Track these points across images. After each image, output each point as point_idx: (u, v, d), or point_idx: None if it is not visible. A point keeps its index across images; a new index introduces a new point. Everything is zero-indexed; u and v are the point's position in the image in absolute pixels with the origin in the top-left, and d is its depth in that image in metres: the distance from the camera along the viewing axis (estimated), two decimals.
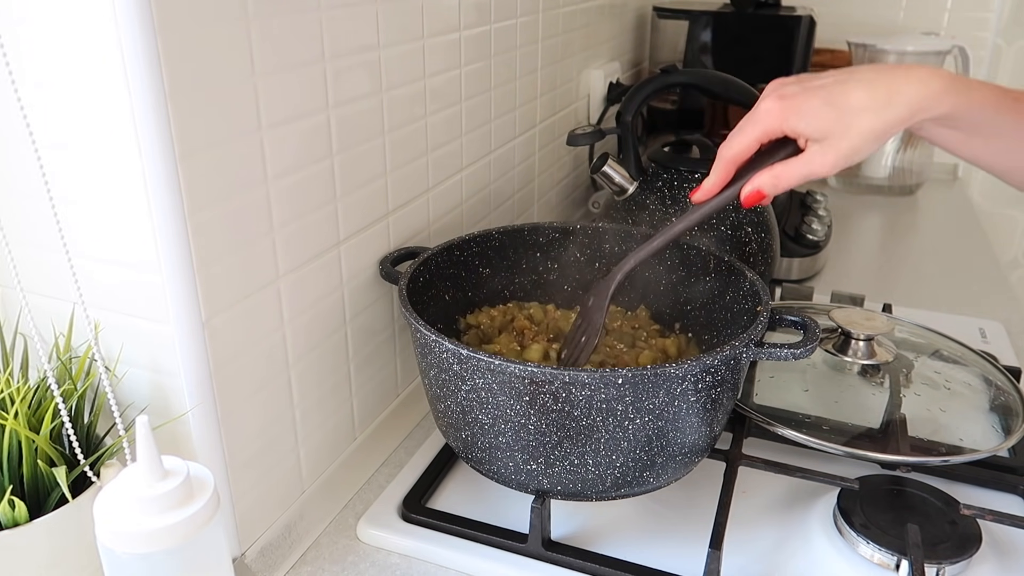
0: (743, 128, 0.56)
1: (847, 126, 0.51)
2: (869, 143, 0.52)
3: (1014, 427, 0.64)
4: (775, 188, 0.55)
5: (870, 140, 0.52)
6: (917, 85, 0.51)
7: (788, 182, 0.55)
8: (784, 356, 0.54)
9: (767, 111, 0.54)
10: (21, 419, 0.45)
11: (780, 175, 0.55)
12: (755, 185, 0.56)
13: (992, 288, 1.08)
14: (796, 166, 0.54)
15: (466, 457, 0.59)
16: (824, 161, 0.53)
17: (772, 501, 0.64)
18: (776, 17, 1.33)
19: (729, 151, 0.56)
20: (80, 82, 0.42)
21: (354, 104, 0.59)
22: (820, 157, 0.53)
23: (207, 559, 0.43)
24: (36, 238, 0.48)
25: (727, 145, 0.57)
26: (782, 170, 0.55)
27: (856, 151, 0.52)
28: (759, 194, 0.56)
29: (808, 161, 0.54)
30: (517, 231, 0.73)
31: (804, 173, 0.54)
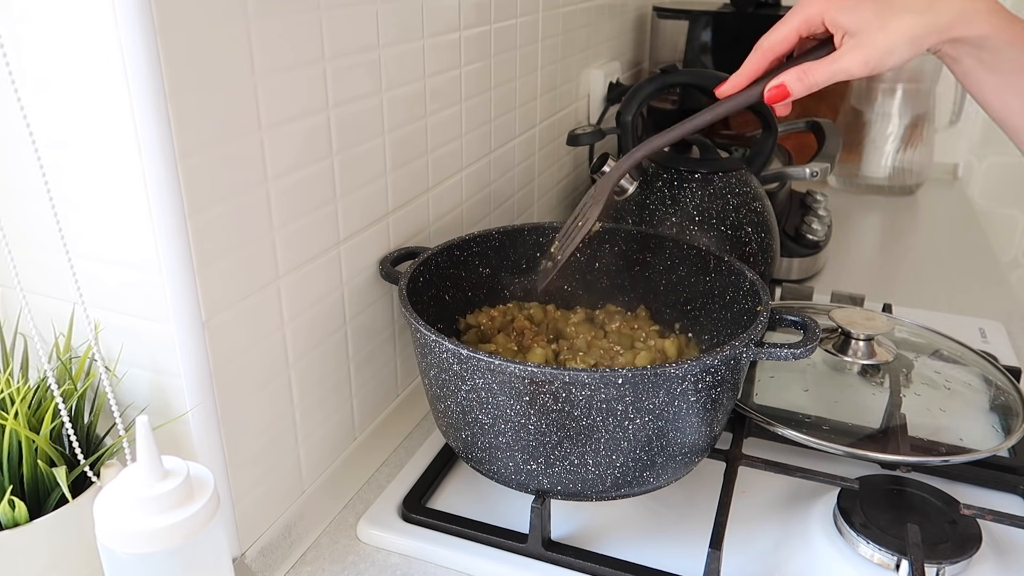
0: (784, 18, 0.54)
1: (885, 23, 0.50)
2: (903, 45, 0.51)
3: (1014, 427, 0.64)
4: (801, 84, 0.54)
5: (905, 42, 0.51)
6: (963, 2, 0.51)
7: (816, 78, 0.53)
8: (784, 356, 0.54)
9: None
10: (21, 419, 0.45)
11: (808, 70, 0.53)
12: (781, 80, 0.54)
13: (992, 288, 1.08)
14: (826, 62, 0.53)
15: (466, 457, 0.59)
16: (855, 57, 0.51)
17: (772, 501, 0.64)
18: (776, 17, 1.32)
19: (767, 40, 0.55)
20: (80, 82, 0.42)
21: (354, 104, 0.59)
22: (852, 52, 0.51)
23: (207, 559, 0.43)
24: (36, 238, 0.48)
25: (766, 36, 0.55)
26: (810, 66, 0.53)
27: (890, 51, 0.51)
28: (783, 89, 0.54)
29: (838, 57, 0.52)
30: (517, 231, 0.73)
31: (834, 70, 0.52)
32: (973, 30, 0.51)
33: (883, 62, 0.51)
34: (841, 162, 1.45)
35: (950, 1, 0.51)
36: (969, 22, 0.50)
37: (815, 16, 0.53)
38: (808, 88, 0.54)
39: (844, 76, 0.52)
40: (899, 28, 0.50)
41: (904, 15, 0.51)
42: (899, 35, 0.50)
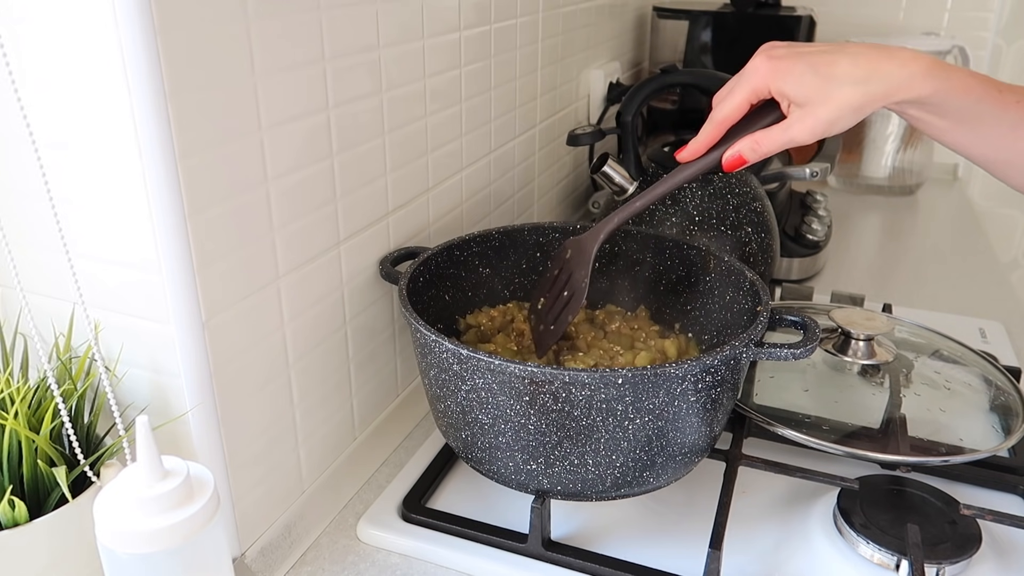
0: (732, 88, 0.57)
1: (828, 95, 0.53)
2: (847, 114, 0.53)
3: (1014, 427, 0.64)
4: (755, 153, 0.57)
5: (848, 112, 0.53)
6: (898, 65, 0.52)
7: (768, 147, 0.56)
8: (784, 356, 0.54)
9: (755, 69, 0.56)
10: (21, 419, 0.45)
11: (760, 140, 0.56)
12: (736, 150, 0.57)
13: (992, 288, 1.08)
14: (776, 133, 0.56)
15: (466, 457, 0.59)
16: (803, 127, 0.54)
17: (772, 501, 0.64)
18: (776, 17, 1.33)
19: (720, 112, 0.58)
20: (80, 82, 0.42)
21: (354, 104, 0.59)
22: (799, 123, 0.54)
23: (207, 559, 0.43)
24: (36, 238, 0.48)
25: (718, 107, 0.58)
26: (762, 136, 0.56)
27: (834, 121, 0.53)
28: (740, 159, 0.57)
29: (787, 127, 0.55)
30: (517, 231, 0.73)
31: (784, 139, 0.55)
32: (913, 93, 0.52)
33: (829, 130, 0.54)
34: (841, 162, 1.45)
35: (886, 70, 0.52)
36: (908, 87, 0.52)
37: (762, 87, 0.56)
38: (760, 156, 0.57)
39: (793, 144, 0.55)
40: (841, 99, 0.53)
41: (845, 86, 0.52)
42: (842, 106, 0.53)
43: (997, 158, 0.57)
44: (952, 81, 0.53)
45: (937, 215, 1.40)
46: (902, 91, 0.52)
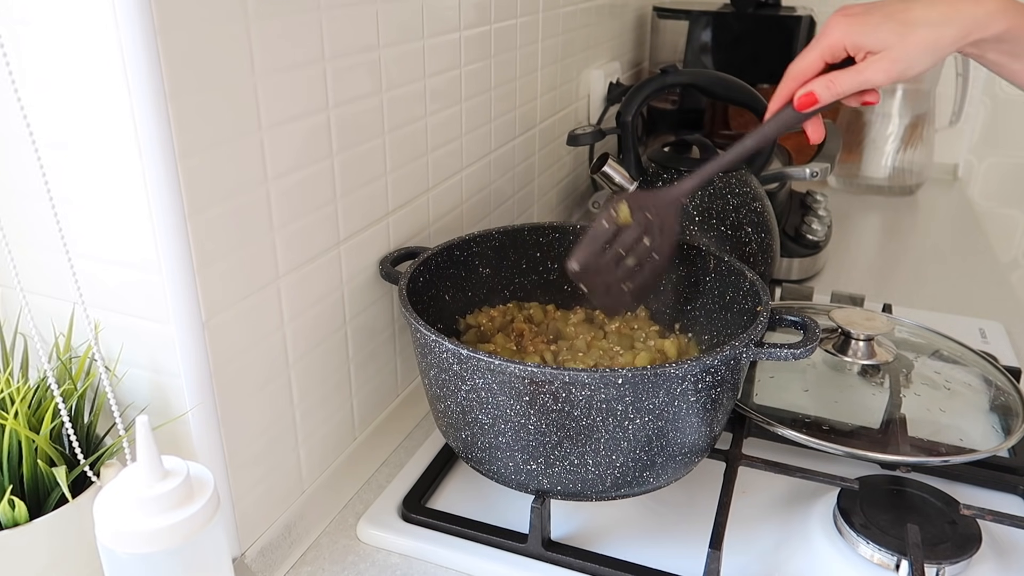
0: (810, 45, 0.58)
1: (904, 37, 0.53)
2: (924, 55, 0.53)
3: (1014, 427, 0.64)
4: (828, 92, 0.56)
5: (926, 53, 0.53)
6: (973, 4, 0.53)
7: (842, 87, 0.56)
8: (784, 356, 0.54)
9: (832, 25, 0.56)
10: (21, 419, 0.45)
11: (834, 79, 0.56)
12: (809, 88, 0.57)
13: (992, 288, 1.08)
14: (851, 72, 0.56)
15: (466, 457, 0.59)
16: (878, 68, 0.54)
17: (772, 501, 0.64)
18: (776, 17, 1.33)
19: (794, 67, 0.58)
20: (80, 82, 0.42)
21: (354, 104, 0.59)
22: (875, 65, 0.54)
23: (207, 559, 0.43)
24: (36, 238, 0.48)
25: (794, 63, 0.58)
26: (837, 75, 0.56)
27: (911, 63, 0.53)
28: (812, 96, 0.57)
29: (863, 69, 0.55)
30: (517, 231, 0.73)
31: (859, 80, 0.55)
32: (991, 30, 0.53)
33: (905, 73, 0.54)
34: (841, 162, 1.45)
35: (964, 10, 0.53)
36: (985, 26, 0.53)
37: (837, 42, 0.56)
38: (834, 95, 0.56)
39: (868, 86, 0.55)
40: (918, 41, 0.53)
41: (921, 28, 0.53)
42: (919, 48, 0.53)
43: None
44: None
45: (937, 215, 1.40)
46: (979, 30, 0.53)
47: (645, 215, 0.62)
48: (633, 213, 0.62)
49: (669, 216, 0.62)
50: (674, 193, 0.62)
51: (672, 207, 0.62)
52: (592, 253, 0.63)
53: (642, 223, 0.62)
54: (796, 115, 0.59)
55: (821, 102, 0.57)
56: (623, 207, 0.62)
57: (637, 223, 0.62)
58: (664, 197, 0.63)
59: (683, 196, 0.62)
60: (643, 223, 0.62)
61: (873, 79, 0.55)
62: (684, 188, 0.62)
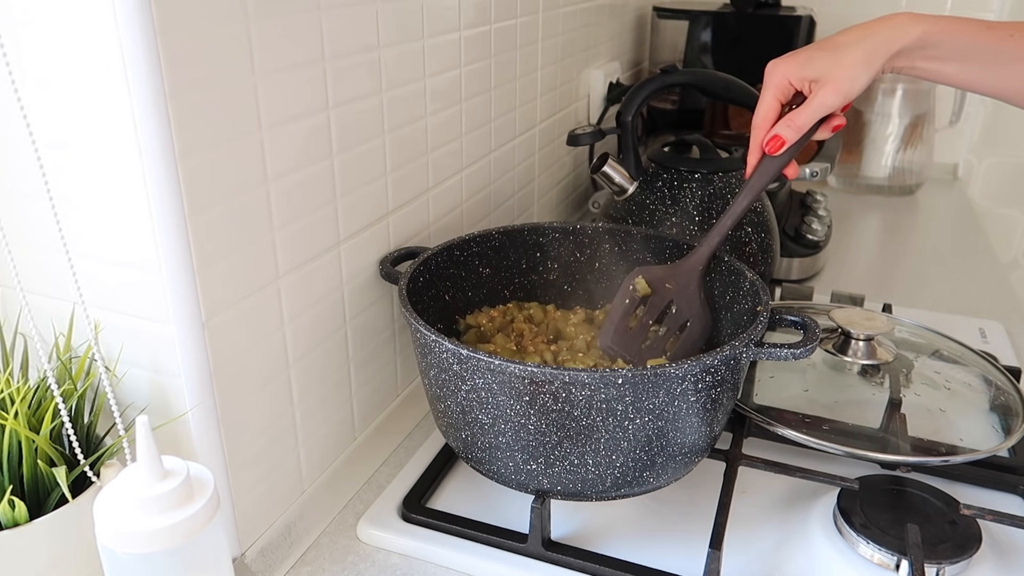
0: (760, 96, 0.62)
1: (839, 59, 0.59)
2: (861, 69, 0.58)
3: (1014, 427, 0.64)
4: (791, 129, 0.60)
5: (861, 66, 0.58)
6: (887, 20, 0.59)
7: (802, 119, 0.60)
8: (784, 356, 0.54)
9: (771, 70, 0.61)
10: (21, 419, 0.45)
11: (793, 116, 0.60)
12: (774, 131, 0.61)
13: (992, 288, 1.08)
14: (805, 105, 0.60)
15: (466, 457, 0.59)
16: (828, 91, 0.58)
17: (772, 501, 0.64)
18: (776, 17, 1.33)
19: (755, 118, 0.62)
20: (80, 82, 0.42)
21: (354, 104, 0.59)
22: (823, 89, 0.59)
23: (207, 559, 0.43)
24: (36, 238, 0.48)
25: (754, 115, 0.62)
26: (794, 113, 0.60)
27: (853, 78, 0.58)
28: (778, 138, 0.60)
29: (813, 98, 0.59)
30: (517, 231, 0.73)
31: (814, 108, 0.59)
32: (907, 38, 0.58)
33: (851, 89, 0.58)
34: (841, 162, 1.45)
35: (879, 26, 0.59)
36: (901, 34, 0.58)
37: (781, 81, 0.61)
38: (798, 130, 0.60)
39: (824, 110, 0.59)
40: (851, 59, 0.58)
41: (849, 47, 0.59)
42: (855, 63, 0.58)
43: (1016, 91, 0.60)
44: (940, 23, 0.58)
45: (937, 215, 1.40)
46: (898, 38, 0.58)
47: (665, 286, 0.64)
48: (652, 285, 0.64)
49: (691, 284, 0.63)
50: (690, 263, 0.64)
51: (690, 276, 0.64)
52: (620, 327, 0.65)
53: (663, 293, 0.64)
54: (774, 161, 0.62)
55: (789, 141, 0.60)
56: (640, 280, 0.64)
57: (659, 294, 0.64)
58: (680, 268, 0.65)
59: (699, 265, 0.64)
60: (664, 293, 0.64)
61: (827, 102, 0.58)
62: (698, 258, 0.64)
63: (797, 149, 0.62)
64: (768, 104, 0.61)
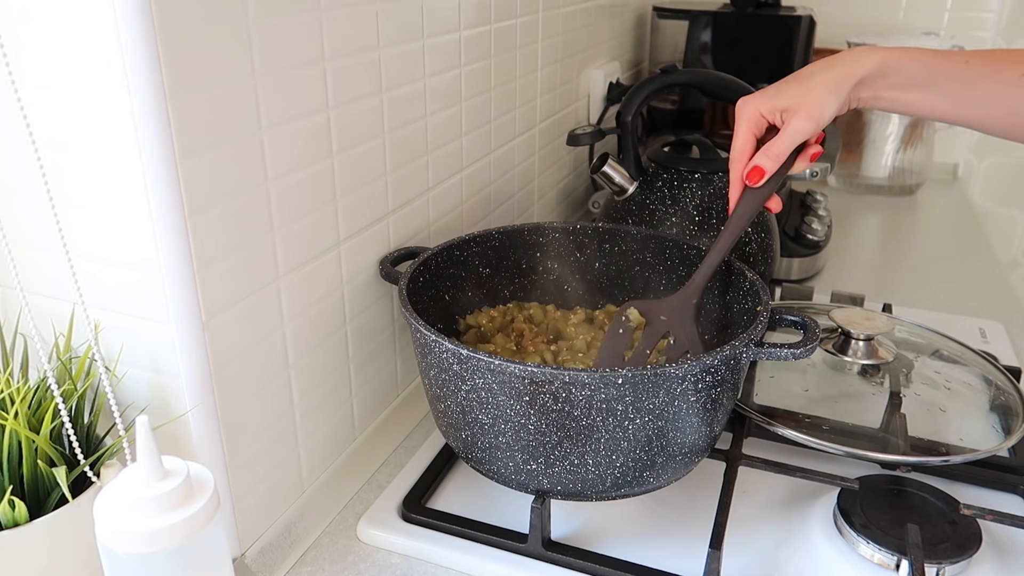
0: (735, 132, 0.63)
1: (806, 89, 0.61)
2: (829, 96, 0.60)
3: (1014, 427, 0.64)
4: (769, 158, 0.61)
5: (829, 93, 0.60)
6: (848, 53, 0.62)
7: (779, 148, 0.61)
8: (784, 356, 0.54)
9: (742, 105, 0.63)
10: (21, 419, 0.45)
11: (770, 146, 0.61)
12: (752, 163, 0.62)
13: (992, 288, 1.08)
14: (780, 134, 0.61)
15: (466, 457, 0.59)
16: (800, 118, 0.60)
17: (772, 501, 0.64)
18: (776, 17, 1.33)
19: (734, 151, 0.63)
20: (80, 82, 0.42)
21: (354, 104, 0.59)
22: (796, 117, 0.60)
23: (207, 559, 0.43)
24: (36, 238, 0.48)
25: (731, 153, 0.63)
26: (771, 143, 0.61)
27: (823, 105, 0.60)
28: (758, 169, 0.61)
29: (787, 125, 0.61)
30: (517, 231, 0.73)
31: (788, 135, 0.61)
32: (868, 65, 0.60)
33: (823, 114, 0.60)
34: (841, 162, 1.45)
35: (840, 58, 0.62)
36: (862, 62, 0.61)
37: (753, 114, 0.62)
38: (776, 159, 0.61)
39: (800, 137, 0.61)
40: (818, 86, 0.61)
41: (816, 76, 0.61)
42: (823, 90, 0.60)
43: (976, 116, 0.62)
44: (896, 52, 0.61)
45: (937, 215, 1.40)
46: (858, 67, 0.60)
47: (660, 317, 0.63)
48: (645, 315, 0.63)
49: (686, 317, 0.62)
50: (683, 297, 0.63)
51: (684, 309, 0.62)
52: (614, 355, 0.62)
53: (658, 324, 0.63)
54: (756, 192, 0.62)
55: (769, 171, 0.61)
56: (632, 310, 0.63)
57: (653, 324, 0.62)
58: (673, 302, 0.63)
59: (692, 298, 0.62)
60: (659, 324, 0.63)
61: (801, 128, 0.60)
62: (691, 291, 0.63)
63: (778, 180, 0.62)
64: (743, 137, 0.62)
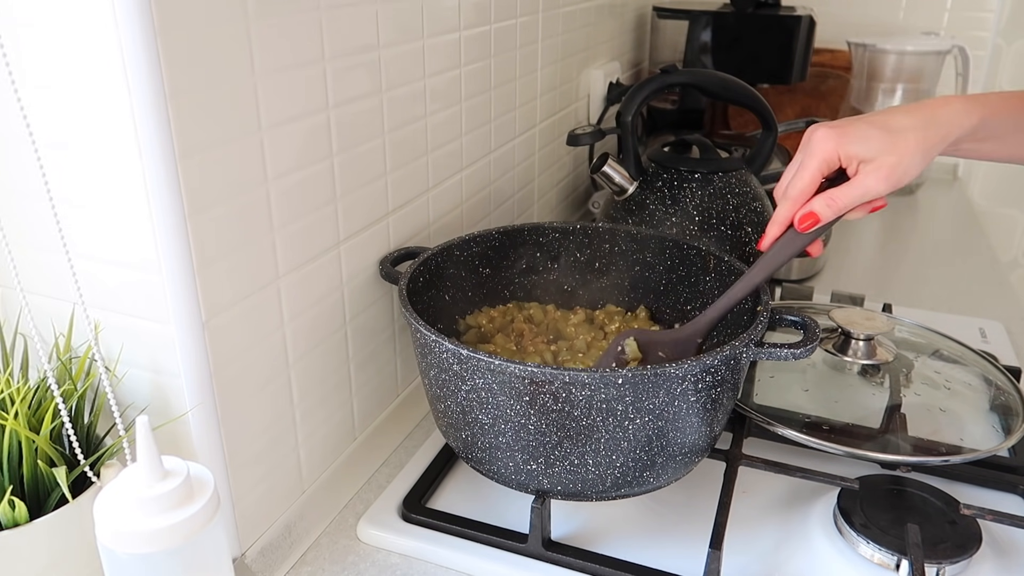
0: (802, 164, 0.58)
1: (894, 144, 0.55)
2: (916, 159, 0.55)
3: (1014, 427, 0.64)
4: (829, 210, 0.57)
5: (917, 155, 0.55)
6: (944, 106, 0.56)
7: (844, 202, 0.56)
8: (784, 356, 0.54)
9: (822, 138, 0.57)
10: (21, 419, 0.45)
11: (835, 196, 0.56)
12: (810, 207, 0.57)
13: (992, 288, 1.08)
14: (850, 186, 0.56)
15: (466, 457, 0.59)
16: (878, 177, 0.55)
17: (772, 501, 0.64)
18: (776, 17, 1.33)
19: (794, 189, 0.58)
20: (80, 83, 0.42)
21: (354, 104, 0.59)
22: (874, 174, 0.55)
23: (207, 559, 0.43)
24: (36, 238, 0.48)
25: (791, 184, 0.58)
26: (837, 192, 0.56)
27: (907, 168, 0.55)
28: (813, 216, 0.57)
29: (862, 180, 0.56)
30: (517, 231, 0.73)
31: (859, 193, 0.56)
32: (966, 126, 0.56)
33: (903, 179, 0.55)
34: None
35: (940, 113, 0.56)
36: (961, 123, 0.56)
37: (831, 154, 0.56)
38: (836, 212, 0.56)
39: (869, 196, 0.56)
40: (910, 146, 0.55)
41: (909, 133, 0.55)
42: (911, 152, 0.55)
43: None
44: (990, 105, 0.56)
45: (937, 215, 1.40)
46: (957, 128, 0.56)
47: (658, 353, 0.60)
48: (643, 348, 0.60)
49: (687, 354, 0.59)
50: (690, 332, 0.60)
51: (688, 345, 0.60)
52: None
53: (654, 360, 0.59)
54: (800, 238, 0.58)
55: (823, 221, 0.57)
56: (631, 342, 0.60)
57: (649, 359, 0.60)
58: (678, 335, 0.60)
59: (699, 336, 0.60)
60: (656, 360, 0.59)
61: (874, 188, 0.55)
62: (699, 327, 0.60)
63: (827, 229, 0.58)
64: (810, 176, 0.57)
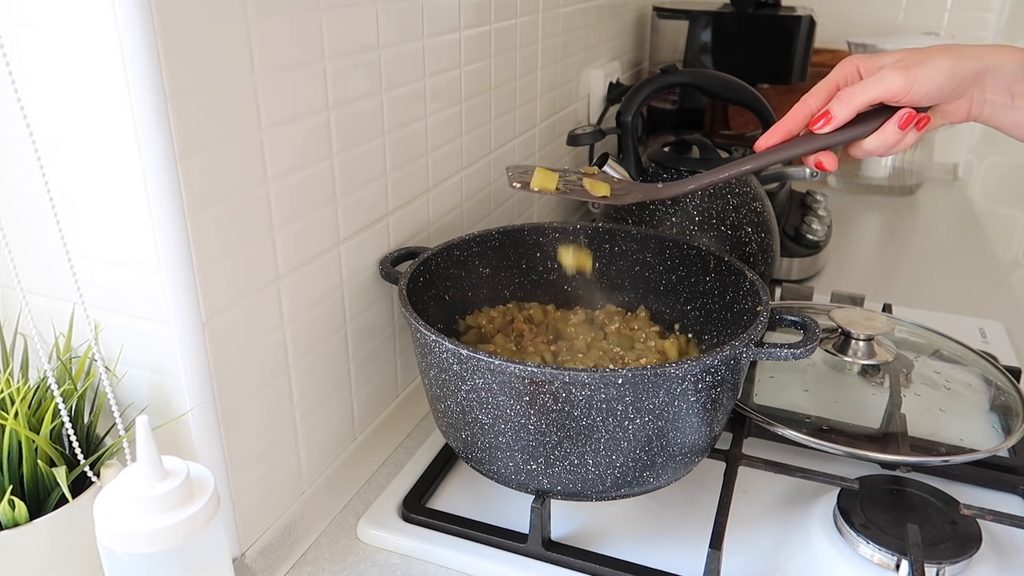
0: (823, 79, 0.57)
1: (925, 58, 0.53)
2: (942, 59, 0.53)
3: (1014, 427, 0.64)
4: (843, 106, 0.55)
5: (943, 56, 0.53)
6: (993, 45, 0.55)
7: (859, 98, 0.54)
8: (784, 356, 0.54)
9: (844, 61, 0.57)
10: (21, 419, 0.45)
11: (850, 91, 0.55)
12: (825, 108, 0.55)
13: (992, 288, 1.08)
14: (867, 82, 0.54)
15: (466, 457, 0.59)
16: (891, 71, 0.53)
17: (772, 501, 0.64)
18: (776, 17, 1.33)
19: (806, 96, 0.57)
20: (80, 82, 0.42)
21: (354, 104, 0.59)
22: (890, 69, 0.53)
23: (207, 559, 0.43)
24: (36, 238, 0.48)
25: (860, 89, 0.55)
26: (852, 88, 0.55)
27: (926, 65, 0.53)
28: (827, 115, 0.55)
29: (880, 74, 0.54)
30: (517, 231, 0.73)
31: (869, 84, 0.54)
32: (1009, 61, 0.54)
33: (920, 73, 0.53)
34: (841, 162, 1.45)
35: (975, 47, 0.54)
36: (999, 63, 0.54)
37: (850, 68, 0.56)
38: (851, 109, 0.54)
39: (882, 90, 0.53)
40: (935, 52, 0.53)
41: (938, 48, 0.54)
42: (936, 54, 0.53)
43: None
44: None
45: (937, 215, 1.40)
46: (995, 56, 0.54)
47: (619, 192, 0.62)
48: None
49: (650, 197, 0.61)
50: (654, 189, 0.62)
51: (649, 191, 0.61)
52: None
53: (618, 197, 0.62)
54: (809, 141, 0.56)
55: (836, 118, 0.55)
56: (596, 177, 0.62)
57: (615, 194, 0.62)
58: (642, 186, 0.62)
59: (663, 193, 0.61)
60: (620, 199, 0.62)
61: (888, 80, 0.53)
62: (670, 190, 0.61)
63: (840, 140, 0.56)
64: (826, 83, 0.56)
